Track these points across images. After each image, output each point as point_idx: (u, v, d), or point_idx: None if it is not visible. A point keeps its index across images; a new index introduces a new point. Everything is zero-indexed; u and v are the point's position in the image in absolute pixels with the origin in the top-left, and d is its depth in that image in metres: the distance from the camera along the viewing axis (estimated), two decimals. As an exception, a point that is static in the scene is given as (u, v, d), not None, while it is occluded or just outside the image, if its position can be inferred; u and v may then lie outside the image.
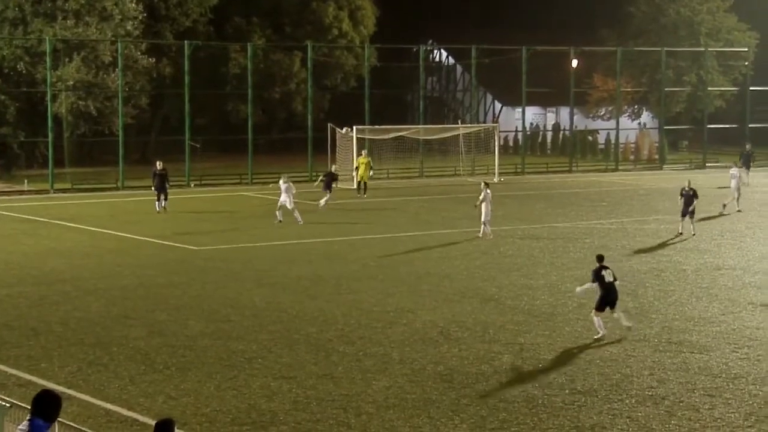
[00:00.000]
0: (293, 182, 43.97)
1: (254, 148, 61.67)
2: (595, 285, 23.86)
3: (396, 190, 56.08)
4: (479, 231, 37.82)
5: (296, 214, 41.72)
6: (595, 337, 23.40)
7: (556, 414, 18.27)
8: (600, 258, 24.18)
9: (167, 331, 24.04)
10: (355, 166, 54.88)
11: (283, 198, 42.23)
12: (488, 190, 38.22)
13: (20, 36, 61.63)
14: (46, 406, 10.79)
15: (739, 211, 45.94)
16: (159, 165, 46.50)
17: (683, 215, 39.13)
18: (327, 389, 19.59)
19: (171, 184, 47.51)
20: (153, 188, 46.37)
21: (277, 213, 42.24)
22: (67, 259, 33.92)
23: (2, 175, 60.08)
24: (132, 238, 38.56)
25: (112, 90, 60.99)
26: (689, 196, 39.14)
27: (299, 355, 21.89)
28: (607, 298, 23.72)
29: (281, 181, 43.01)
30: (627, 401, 18.91)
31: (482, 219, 37.84)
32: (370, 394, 19.27)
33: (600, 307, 23.73)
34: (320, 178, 48.81)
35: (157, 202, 45.83)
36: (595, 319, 23.65)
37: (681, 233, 38.88)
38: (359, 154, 55.16)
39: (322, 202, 46.74)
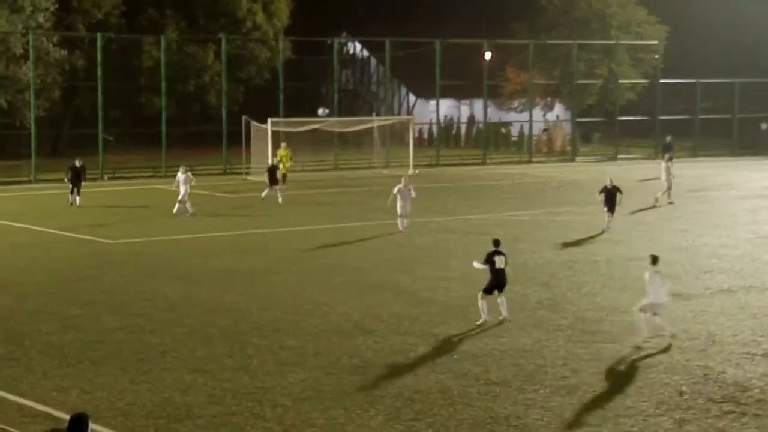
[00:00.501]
0: (193, 173, 44.34)
1: (169, 141, 61.26)
2: (487, 267, 24.21)
3: (311, 182, 56.09)
4: (398, 225, 37.86)
5: (188, 205, 42.20)
6: (477, 322, 23.88)
7: (471, 404, 18.48)
8: (496, 242, 24.44)
9: (80, 325, 23.86)
10: (277, 159, 54.80)
11: (183, 190, 42.52)
12: (403, 185, 38.07)
13: (-72, 28, 60.55)
14: None
15: (671, 203, 46.46)
16: (78, 162, 46.13)
17: (609, 210, 38.36)
18: (242, 382, 19.60)
19: (86, 177, 47.03)
20: (67, 180, 45.83)
21: (187, 206, 42.41)
22: (-23, 253, 33.46)
23: None
24: (45, 232, 38.14)
25: (23, 83, 60.16)
26: (611, 194, 38.35)
27: (214, 349, 21.87)
28: (496, 282, 24.19)
29: (180, 173, 43.20)
30: (541, 391, 19.17)
31: (398, 212, 37.82)
32: (285, 387, 19.33)
33: (488, 291, 24.22)
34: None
35: (71, 196, 45.32)
36: (480, 302, 24.11)
37: (607, 229, 38.11)
38: (278, 147, 55.05)
39: (277, 196, 46.89)
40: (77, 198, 45.24)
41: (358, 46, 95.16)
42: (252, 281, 29.12)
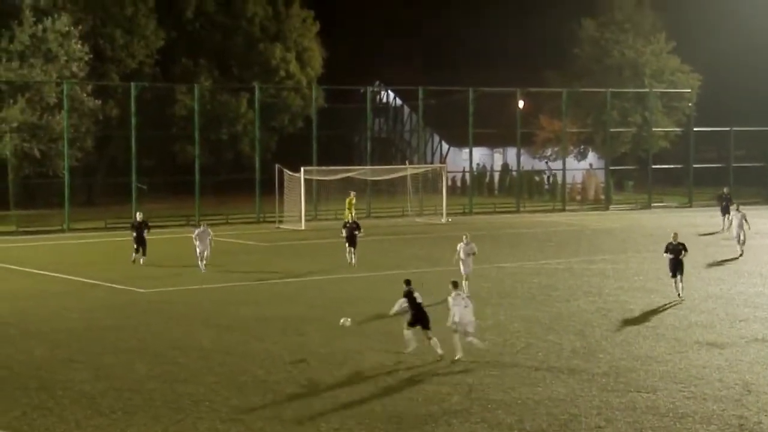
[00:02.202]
0: (227, 222, 44.14)
1: (201, 189, 61.46)
2: (406, 307, 25.65)
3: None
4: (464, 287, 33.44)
5: (202, 263, 40.47)
6: (406, 351, 25.37)
7: (505, 454, 18.28)
8: (407, 282, 25.95)
9: (113, 374, 23.80)
10: (346, 206, 55.43)
11: (201, 246, 40.50)
12: (465, 243, 35.79)
13: (-36, 77, 61.18)
14: None
15: (741, 255, 44.87)
16: (139, 216, 44.27)
17: (673, 274, 34.26)
18: (275, 431, 19.46)
19: (113, 226, 46.90)
20: (133, 239, 43.34)
21: (201, 264, 40.52)
22: (10, 301, 33.55)
23: (-54, 218, 59.43)
24: (78, 281, 38.23)
25: (57, 132, 60.61)
26: (678, 250, 34.26)
27: (247, 398, 21.75)
28: (417, 316, 25.38)
29: (199, 230, 41.38)
30: (575, 441, 18.96)
31: (462, 272, 34.63)
32: (318, 436, 19.19)
33: (412, 324, 25.49)
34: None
35: (134, 254, 42.90)
36: (406, 332, 25.58)
37: (679, 296, 33.98)
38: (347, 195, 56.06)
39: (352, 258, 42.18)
40: (142, 258, 42.68)
41: (391, 94, 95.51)
42: (284, 329, 29.01)
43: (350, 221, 43.13)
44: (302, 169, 57.76)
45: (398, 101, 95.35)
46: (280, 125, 77.45)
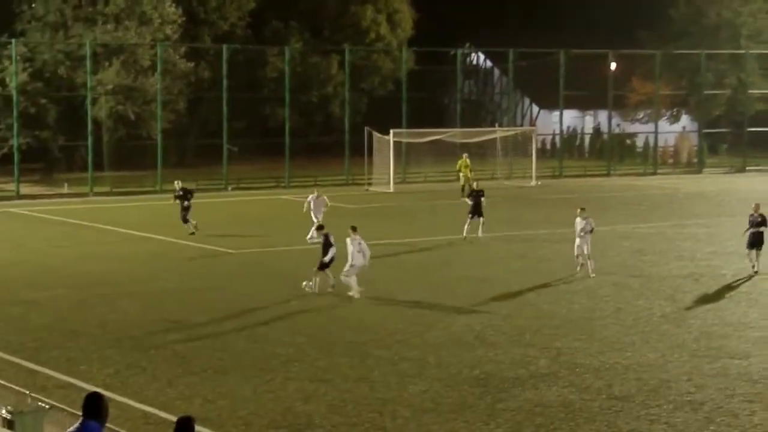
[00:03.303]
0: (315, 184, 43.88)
1: (291, 151, 61.77)
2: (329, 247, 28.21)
3: (434, 193, 56.01)
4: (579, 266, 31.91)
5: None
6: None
7: (593, 419, 18.20)
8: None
9: (204, 334, 24.14)
10: (457, 168, 55.18)
11: (318, 216, 38.31)
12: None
13: (61, 40, 62.09)
14: (98, 408, 10.87)
15: None
16: (178, 185, 41.99)
17: (750, 247, 32.49)
18: (363, 393, 19.60)
19: (205, 188, 47.12)
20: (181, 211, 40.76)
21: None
22: (105, 262, 34.13)
23: (43, 179, 60.53)
24: (170, 242, 38.74)
25: (150, 94, 61.30)
26: (757, 223, 32.60)
27: (335, 359, 21.91)
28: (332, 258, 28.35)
29: (311, 196, 39.85)
30: (665, 407, 18.79)
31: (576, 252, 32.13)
32: (405, 398, 19.27)
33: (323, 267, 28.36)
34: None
35: (186, 225, 40.57)
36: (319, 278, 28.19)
37: (755, 270, 32.10)
38: (460, 156, 55.41)
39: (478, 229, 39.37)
40: (189, 225, 40.31)
41: (482, 56, 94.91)
42: (373, 292, 29.12)
43: (474, 189, 40.04)
44: (391, 131, 57.75)
45: (488, 63, 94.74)
46: (369, 87, 77.46)
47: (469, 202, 39.38)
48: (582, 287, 29.63)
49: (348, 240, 28.59)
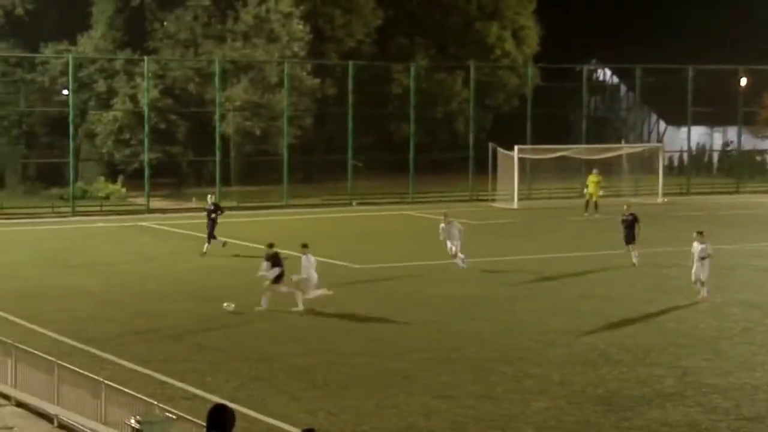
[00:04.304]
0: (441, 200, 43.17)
1: (416, 167, 61.92)
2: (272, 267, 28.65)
3: (558, 210, 55.59)
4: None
5: (459, 258, 35.33)
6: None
7: (720, 440, 17.87)
8: (270, 245, 29.26)
9: (326, 348, 24.30)
10: (585, 184, 54.79)
11: (455, 244, 35.31)
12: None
13: (191, 57, 63.31)
14: (223, 420, 11.01)
15: None
16: (210, 199, 41.22)
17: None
18: (485, 409, 19.52)
19: (330, 203, 47.25)
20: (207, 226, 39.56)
21: (458, 259, 35.29)
22: (231, 276, 34.59)
23: (172, 194, 61.69)
24: (296, 256, 38.97)
25: (277, 110, 62.09)
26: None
27: (457, 375, 21.86)
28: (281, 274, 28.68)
29: (443, 224, 35.86)
30: (796, 430, 18.35)
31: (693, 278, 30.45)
32: (528, 416, 19.14)
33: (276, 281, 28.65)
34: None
35: (206, 245, 39.01)
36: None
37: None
38: (590, 172, 54.96)
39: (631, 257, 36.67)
40: (205, 245, 38.81)
41: (608, 72, 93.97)
42: (496, 308, 29.02)
43: (627, 213, 36.77)
44: (516, 147, 57.51)
45: (615, 79, 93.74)
46: (494, 103, 77.28)
47: (622, 230, 36.71)
48: (708, 306, 29.08)
49: (303, 257, 29.15)
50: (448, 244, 35.37)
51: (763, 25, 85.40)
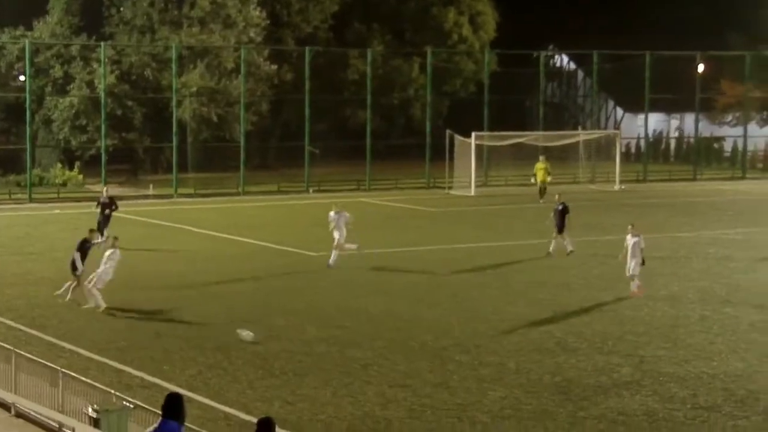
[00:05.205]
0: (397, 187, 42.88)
1: (372, 154, 61.81)
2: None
3: (514, 197, 55.66)
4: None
5: (348, 245, 34.08)
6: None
7: (677, 429, 17.94)
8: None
9: (284, 336, 24.18)
10: (533, 172, 54.83)
11: (339, 234, 33.87)
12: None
13: (148, 43, 62.83)
14: (177, 408, 10.96)
15: None
16: (105, 192, 39.44)
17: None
18: (442, 398, 19.49)
19: (286, 190, 47.23)
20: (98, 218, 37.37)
21: (348, 245, 34.11)
22: (189, 263, 34.38)
23: (128, 180, 61.27)
24: (252, 243, 38.92)
25: (233, 96, 61.76)
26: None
27: (415, 364, 21.80)
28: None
29: (332, 212, 34.35)
30: (753, 418, 18.44)
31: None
32: (485, 404, 19.12)
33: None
34: None
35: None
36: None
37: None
38: (538, 160, 55.03)
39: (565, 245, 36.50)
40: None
41: (565, 58, 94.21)
42: (453, 296, 28.99)
43: (558, 203, 37.05)
44: (473, 134, 57.51)
45: (572, 65, 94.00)
46: (451, 90, 77.25)
47: (552, 219, 36.82)
48: (665, 294, 29.19)
49: (109, 251, 27.55)
50: (336, 234, 33.84)
51: (720, 11, 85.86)
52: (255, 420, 18.01)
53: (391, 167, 63.49)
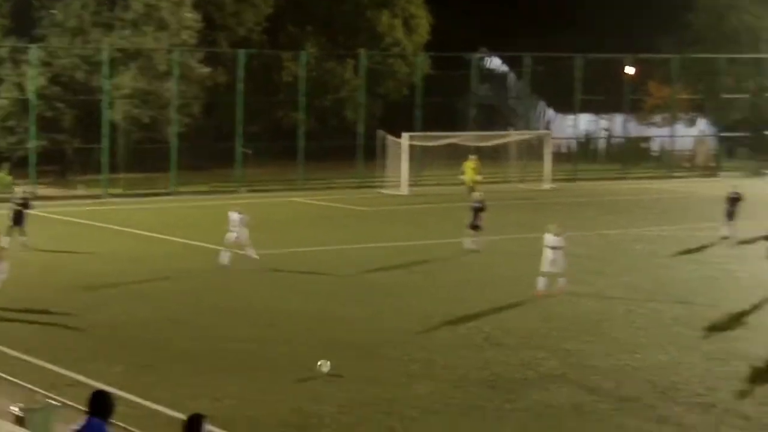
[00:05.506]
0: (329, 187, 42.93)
1: (305, 155, 61.79)
2: None
3: (447, 196, 55.81)
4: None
5: (249, 250, 33.78)
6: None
7: (602, 420, 18.20)
8: None
9: (211, 334, 24.14)
10: (461, 170, 54.99)
11: (237, 233, 33.59)
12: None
13: (79, 45, 62.28)
14: (103, 405, 10.94)
15: None
16: (20, 192, 38.92)
17: (728, 218, 39.66)
18: (372, 393, 19.60)
19: (219, 190, 47.08)
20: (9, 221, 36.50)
21: (249, 251, 33.79)
22: (117, 263, 34.13)
23: (57, 181, 60.68)
24: (181, 243, 38.74)
25: (166, 98, 61.40)
26: (734, 200, 39.98)
27: (344, 359, 21.87)
28: None
29: (234, 212, 34.25)
30: (675, 408, 18.75)
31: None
32: (414, 399, 19.26)
33: None
34: None
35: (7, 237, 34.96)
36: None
37: (724, 237, 38.99)
38: (467, 159, 55.07)
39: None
40: (21, 238, 35.67)
41: (497, 61, 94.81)
42: (383, 293, 29.10)
43: (476, 201, 37.54)
44: (405, 134, 57.72)
45: (504, 67, 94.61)
46: (385, 92, 77.38)
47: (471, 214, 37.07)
48: (591, 290, 29.51)
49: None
50: (234, 234, 33.48)
51: (649, 14, 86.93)
52: (183, 417, 18.14)
53: (324, 168, 63.42)
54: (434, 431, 17.58)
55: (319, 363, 20.59)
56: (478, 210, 36.86)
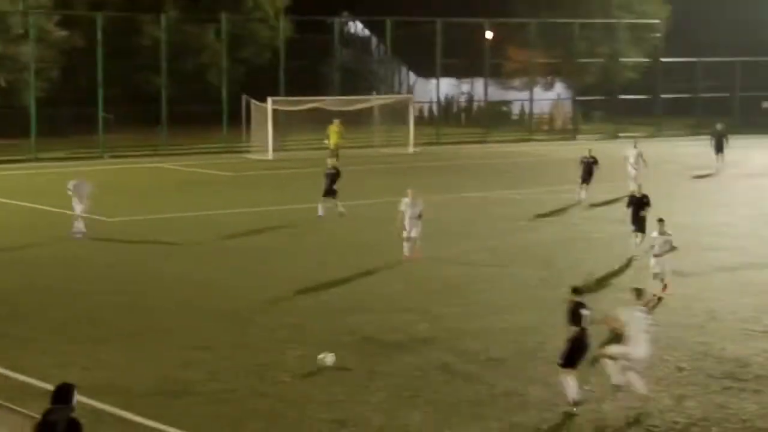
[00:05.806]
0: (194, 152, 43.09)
1: (169, 120, 61.12)
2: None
3: (310, 161, 55.75)
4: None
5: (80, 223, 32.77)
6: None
7: (471, 381, 18.55)
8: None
9: (81, 302, 23.88)
10: (326, 135, 54.85)
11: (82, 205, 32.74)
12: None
13: (-69, 9, 60.43)
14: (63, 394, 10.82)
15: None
16: None
17: (583, 182, 40.59)
18: (242, 359, 19.66)
19: (81, 156, 46.56)
20: None
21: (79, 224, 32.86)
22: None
23: None
24: (45, 210, 38.10)
25: (23, 63, 60.00)
26: (589, 164, 40.94)
27: (213, 326, 21.91)
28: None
29: (74, 182, 33.26)
30: (541, 368, 19.20)
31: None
32: (285, 363, 19.39)
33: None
34: None
35: None
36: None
37: (580, 200, 39.93)
38: (331, 122, 54.96)
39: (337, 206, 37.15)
40: None
41: (360, 25, 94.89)
42: (250, 259, 29.12)
43: (330, 167, 37.44)
44: (269, 99, 57.54)
45: (366, 32, 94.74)
46: (247, 57, 76.78)
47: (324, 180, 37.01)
48: (456, 253, 29.96)
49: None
50: (78, 206, 32.86)
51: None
52: (52, 387, 17.96)
53: (188, 133, 62.85)
54: (307, 395, 17.71)
55: (320, 356, 19.24)
56: (333, 176, 36.85)
